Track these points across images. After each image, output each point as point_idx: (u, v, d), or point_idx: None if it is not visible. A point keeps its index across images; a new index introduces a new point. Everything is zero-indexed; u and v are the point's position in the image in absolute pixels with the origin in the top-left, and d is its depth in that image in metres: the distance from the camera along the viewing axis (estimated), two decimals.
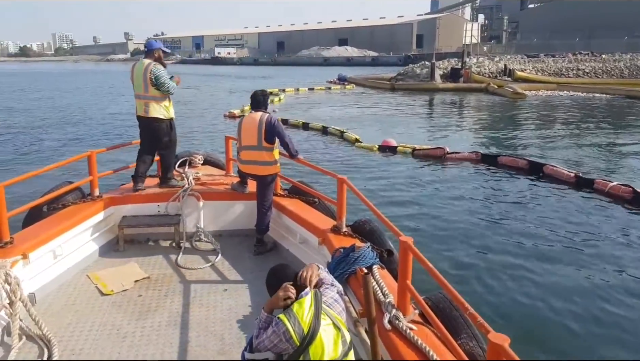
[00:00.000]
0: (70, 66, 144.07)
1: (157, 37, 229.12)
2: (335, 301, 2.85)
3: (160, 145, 6.49)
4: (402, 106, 32.02)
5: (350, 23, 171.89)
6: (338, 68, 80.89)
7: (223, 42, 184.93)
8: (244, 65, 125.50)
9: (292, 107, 30.99)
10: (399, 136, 18.54)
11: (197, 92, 42.84)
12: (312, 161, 13.97)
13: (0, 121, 24.31)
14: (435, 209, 10.12)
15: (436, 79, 43.88)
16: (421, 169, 13.95)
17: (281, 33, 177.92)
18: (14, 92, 45.13)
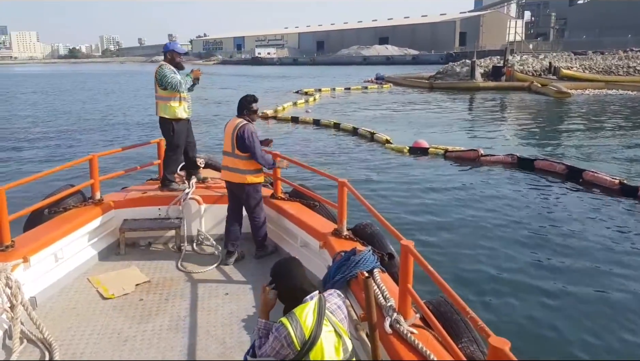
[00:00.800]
0: (116, 67, 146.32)
1: (199, 38, 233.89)
2: (338, 308, 2.84)
3: (166, 144, 6.64)
4: (439, 105, 31.20)
5: (391, 21, 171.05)
6: (377, 67, 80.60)
7: (263, 42, 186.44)
8: (284, 65, 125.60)
9: (326, 107, 30.84)
10: (434, 137, 18.02)
11: (235, 93, 42.56)
12: (338, 163, 14.64)
13: (43, 123, 24.82)
14: (456, 213, 9.78)
15: (477, 77, 42.83)
16: (451, 172, 13.47)
17: (321, 33, 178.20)
18: (61, 93, 46.18)
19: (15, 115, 28.44)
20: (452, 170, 13.62)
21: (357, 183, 11.66)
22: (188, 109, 6.55)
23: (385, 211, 9.58)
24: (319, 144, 18.00)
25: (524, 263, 7.44)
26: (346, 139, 18.98)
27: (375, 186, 11.95)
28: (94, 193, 6.12)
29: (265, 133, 19.79)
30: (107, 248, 6.06)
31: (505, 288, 6.69)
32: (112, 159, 13.53)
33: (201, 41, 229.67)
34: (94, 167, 6.06)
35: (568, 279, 6.89)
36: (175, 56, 6.44)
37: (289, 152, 15.91)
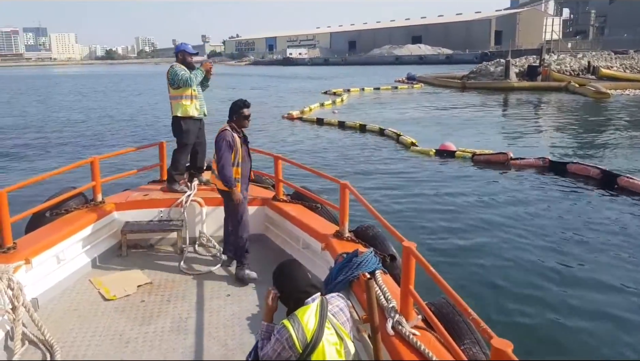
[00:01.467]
0: (150, 68, 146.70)
1: (232, 39, 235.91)
2: (341, 311, 2.84)
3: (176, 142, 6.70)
4: (471, 106, 30.41)
5: (424, 20, 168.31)
6: (410, 67, 79.49)
7: (295, 42, 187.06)
8: (315, 65, 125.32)
9: (354, 107, 30.51)
10: (463, 140, 17.46)
11: (263, 93, 43.01)
12: (359, 165, 14.43)
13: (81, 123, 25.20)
14: (477, 218, 9.42)
15: (511, 77, 41.65)
16: (477, 175, 12.96)
17: (353, 32, 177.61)
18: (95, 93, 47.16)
19: (50, 116, 28.79)
20: (478, 174, 13.15)
21: (376, 186, 11.96)
22: (200, 107, 6.55)
23: (402, 215, 9.66)
24: (342, 146, 17.74)
25: (543, 270, 7.18)
26: (371, 140, 18.62)
27: (395, 189, 11.64)
28: (95, 195, 6.13)
29: (290, 135, 20.52)
30: (109, 249, 6.08)
31: (512, 292, 6.62)
32: (114, 161, 13.35)
33: (234, 42, 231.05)
34: (96, 170, 6.08)
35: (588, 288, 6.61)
36: (186, 56, 6.49)
37: (311, 154, 16.37)
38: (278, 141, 19.05)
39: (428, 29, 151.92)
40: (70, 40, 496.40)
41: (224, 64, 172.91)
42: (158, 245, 6.36)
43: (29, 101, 39.90)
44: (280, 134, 20.75)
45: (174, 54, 6.63)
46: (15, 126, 24.52)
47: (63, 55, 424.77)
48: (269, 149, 14.89)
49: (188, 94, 6.40)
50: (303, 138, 19.59)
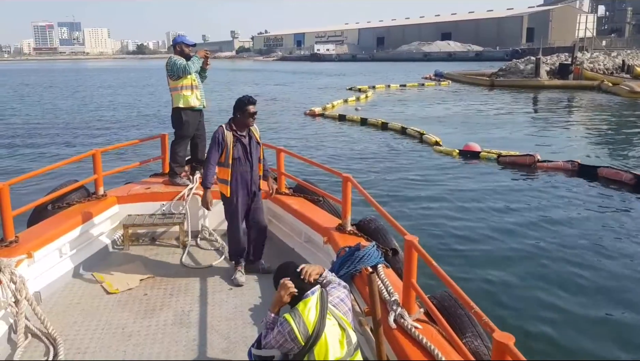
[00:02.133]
0: None
1: (260, 35, 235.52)
2: (342, 301, 2.85)
3: (174, 134, 6.69)
4: (499, 104, 29.45)
5: (454, 16, 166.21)
6: (438, 64, 78.92)
7: (323, 38, 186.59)
8: (342, 61, 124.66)
9: (378, 104, 30.06)
10: (488, 140, 16.91)
11: (287, 89, 42.86)
12: (378, 164, 14.06)
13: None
14: (496, 221, 9.09)
15: (541, 75, 40.43)
16: (501, 178, 12.45)
17: (381, 28, 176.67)
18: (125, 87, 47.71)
19: (81, 110, 29.02)
20: (502, 176, 12.61)
21: (394, 185, 11.72)
22: (200, 97, 6.53)
23: (417, 215, 9.49)
24: (363, 143, 17.36)
25: (558, 274, 6.95)
26: (393, 139, 18.18)
27: (414, 189, 11.37)
28: (97, 188, 6.14)
29: (310, 131, 20.29)
30: (111, 243, 6.09)
31: (515, 287, 6.61)
32: (116, 154, 13.64)
33: (262, 38, 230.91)
34: (97, 163, 6.08)
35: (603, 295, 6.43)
36: (184, 48, 6.47)
37: (327, 150, 16.16)
38: (296, 137, 18.85)
39: (458, 26, 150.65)
40: (103, 35, 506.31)
41: (252, 59, 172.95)
42: (160, 238, 6.36)
43: (52, 95, 40.44)
44: (300, 130, 20.58)
45: (172, 47, 6.61)
46: (27, 119, 24.73)
47: (96, 50, 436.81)
48: (286, 145, 14.79)
49: (188, 85, 6.38)
50: (323, 134, 19.38)
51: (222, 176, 5.04)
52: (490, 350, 2.94)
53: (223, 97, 33.60)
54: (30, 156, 15.74)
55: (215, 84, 48.76)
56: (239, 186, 5.06)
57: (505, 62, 52.63)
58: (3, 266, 4.09)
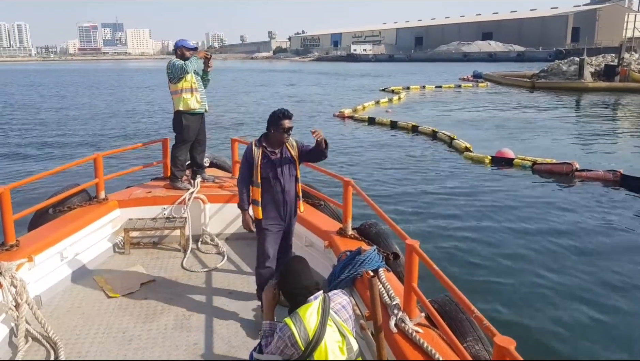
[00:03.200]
0: (219, 63, 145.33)
1: (297, 35, 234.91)
2: (343, 308, 2.83)
3: (175, 138, 6.68)
4: (539, 107, 28.01)
5: (495, 16, 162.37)
6: (478, 64, 77.68)
7: (360, 38, 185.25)
8: (379, 61, 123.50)
9: (411, 106, 29.29)
10: (525, 146, 16.09)
11: (319, 90, 42.58)
12: (403, 169, 13.49)
13: None
14: (522, 234, 8.53)
15: (585, 77, 38.34)
16: (534, 187, 11.63)
17: (419, 28, 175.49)
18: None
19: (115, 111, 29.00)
20: (536, 186, 11.82)
21: (415, 192, 11.21)
22: (200, 100, 6.52)
23: (436, 224, 9.09)
24: (390, 147, 16.75)
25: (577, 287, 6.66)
26: (422, 143, 17.52)
27: (436, 198, 10.75)
28: (98, 192, 6.16)
29: (337, 134, 19.53)
30: (112, 247, 6.10)
31: (517, 293, 6.57)
32: (117, 159, 13.61)
33: (299, 38, 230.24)
34: (99, 167, 6.10)
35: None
36: (185, 52, 6.47)
37: (351, 154, 15.64)
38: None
39: (500, 25, 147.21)
40: (144, 36, 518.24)
41: (289, 60, 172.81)
42: (161, 243, 6.37)
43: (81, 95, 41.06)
44: (326, 133, 19.82)
45: (173, 51, 6.62)
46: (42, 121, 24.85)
47: (137, 50, 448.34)
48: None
49: (188, 87, 6.38)
50: (349, 137, 18.87)
51: (254, 196, 4.52)
52: (491, 354, 2.95)
53: (255, 100, 33.54)
54: (34, 159, 15.79)
55: (250, 85, 48.84)
56: (270, 208, 4.50)
57: (548, 63, 50.63)
58: (4, 270, 4.10)
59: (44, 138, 19.61)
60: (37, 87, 51.66)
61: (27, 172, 13.07)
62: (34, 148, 17.59)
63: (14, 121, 24.82)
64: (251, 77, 68.08)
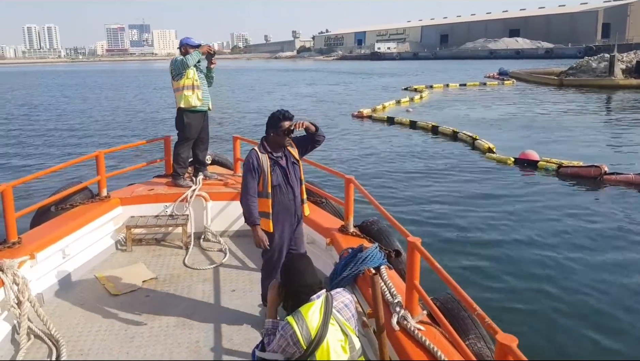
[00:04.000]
0: (242, 63, 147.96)
1: (321, 34, 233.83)
2: (345, 307, 2.81)
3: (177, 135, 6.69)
4: (566, 106, 26.78)
5: (523, 12, 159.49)
6: (505, 61, 76.09)
7: (384, 37, 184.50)
8: (403, 60, 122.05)
9: (432, 105, 28.55)
10: (550, 146, 15.37)
11: (340, 89, 42.29)
12: (421, 173, 12.85)
13: None
14: (537, 232, 8.25)
15: (616, 74, 36.85)
16: (559, 191, 10.93)
17: (445, 25, 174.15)
18: None
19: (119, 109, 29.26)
20: (560, 189, 11.14)
21: (432, 195, 10.77)
22: (202, 98, 6.50)
23: (455, 227, 8.74)
24: (408, 147, 16.26)
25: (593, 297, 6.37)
26: (442, 144, 16.90)
27: (455, 199, 10.35)
28: (100, 189, 6.17)
29: (353, 135, 19.16)
30: (114, 244, 6.11)
31: (520, 290, 6.54)
32: (119, 156, 13.60)
33: (323, 37, 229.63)
34: (101, 164, 6.10)
35: None
36: (189, 49, 6.47)
37: (371, 154, 15.27)
38: (335, 140, 17.72)
39: (527, 21, 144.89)
40: (170, 37, 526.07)
41: (312, 59, 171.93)
42: (163, 240, 6.37)
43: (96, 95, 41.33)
44: (342, 133, 19.56)
45: (178, 49, 6.62)
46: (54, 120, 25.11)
47: (164, 51, 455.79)
48: (323, 151, 14.38)
49: (189, 85, 6.37)
50: (366, 137, 18.44)
51: (262, 208, 4.16)
52: (493, 352, 2.96)
53: (274, 100, 33.26)
54: (36, 156, 15.85)
55: (272, 85, 48.68)
56: (282, 218, 4.24)
57: (577, 60, 48.19)
58: (6, 267, 4.12)
59: (56, 137, 19.72)
60: (61, 88, 52.25)
61: (31, 170, 13.14)
62: (43, 146, 17.70)
63: (27, 120, 25.05)
64: (274, 76, 67.47)
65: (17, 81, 73.38)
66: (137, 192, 6.47)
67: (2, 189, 4.61)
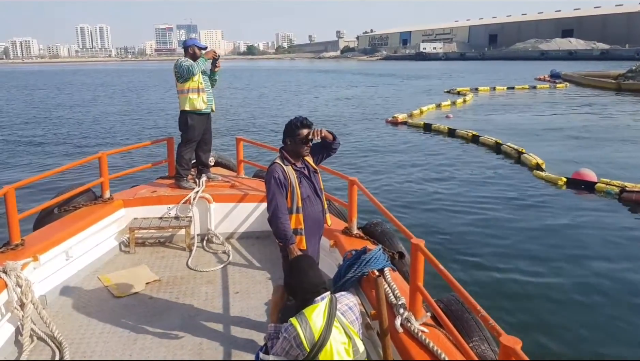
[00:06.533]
0: (286, 64, 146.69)
1: (365, 34, 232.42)
2: (350, 310, 2.81)
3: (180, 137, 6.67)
4: (627, 114, 23.67)
5: (577, 12, 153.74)
6: (557, 63, 73.53)
7: (430, 37, 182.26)
8: (449, 60, 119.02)
9: (476, 110, 26.36)
10: (612, 164, 13.08)
11: (378, 91, 40.69)
12: (455, 191, 11.12)
13: None
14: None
15: None
16: (623, 223, 8.89)
17: (494, 25, 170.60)
18: None
19: None
20: (625, 220, 9.12)
21: (466, 222, 9.20)
22: (207, 100, 6.51)
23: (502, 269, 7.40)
24: (444, 158, 14.47)
25: None
26: (483, 156, 14.89)
27: (497, 224, 8.86)
28: (103, 191, 6.17)
29: (383, 143, 17.56)
30: (117, 246, 6.11)
31: (523, 292, 6.43)
32: (122, 158, 13.58)
33: (367, 37, 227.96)
34: (104, 166, 6.11)
35: None
36: (196, 51, 6.46)
37: (402, 164, 13.86)
38: (362, 148, 16.27)
39: (581, 21, 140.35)
40: (217, 37, 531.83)
41: (356, 59, 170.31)
42: (166, 242, 6.37)
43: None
44: (372, 141, 17.84)
45: (183, 49, 6.58)
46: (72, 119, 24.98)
47: None
48: (347, 161, 13.82)
49: (194, 87, 6.37)
50: (399, 146, 16.77)
51: (293, 225, 3.84)
52: (497, 354, 2.96)
53: (310, 101, 32.61)
54: (42, 157, 15.76)
55: (311, 87, 47.89)
56: (313, 232, 3.99)
57: (635, 62, 45.31)
58: (9, 269, 4.12)
59: (67, 138, 19.67)
60: (102, 88, 52.22)
61: (36, 170, 13.12)
62: (51, 146, 17.73)
63: (38, 119, 25.18)
64: (317, 77, 65.65)
65: (64, 78, 74.24)
66: (140, 194, 6.47)
67: (5, 191, 4.61)
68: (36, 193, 9.27)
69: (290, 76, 71.05)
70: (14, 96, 42.73)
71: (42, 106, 33.39)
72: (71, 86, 56.45)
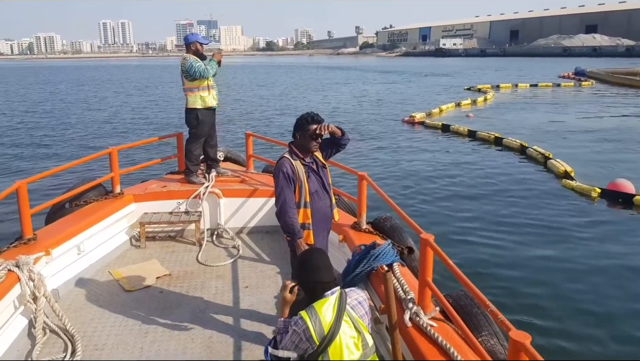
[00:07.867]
0: (305, 59, 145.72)
1: (384, 30, 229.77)
2: (359, 304, 2.81)
3: (188, 133, 6.68)
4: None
5: (602, 7, 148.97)
6: (581, 59, 72.20)
7: (450, 32, 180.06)
8: (469, 56, 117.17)
9: (498, 110, 25.05)
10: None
11: (395, 88, 39.80)
12: (474, 203, 10.09)
13: None
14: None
15: None
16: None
17: (516, 21, 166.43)
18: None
19: None
20: None
21: (485, 224, 8.73)
22: (216, 96, 6.56)
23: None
24: (464, 165, 13.19)
25: None
26: (507, 161, 13.71)
27: (527, 249, 7.73)
28: (114, 186, 6.20)
29: (397, 145, 16.57)
30: (128, 241, 6.15)
31: (533, 286, 6.41)
32: (133, 153, 13.51)
33: (386, 33, 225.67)
34: (114, 161, 6.14)
35: None
36: (199, 47, 6.45)
37: (418, 169, 12.91)
38: (373, 150, 15.49)
39: (606, 17, 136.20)
40: (237, 33, 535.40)
41: (375, 55, 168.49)
42: (176, 237, 6.40)
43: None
44: (386, 142, 16.91)
45: (185, 45, 6.55)
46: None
47: (230, 47, 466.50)
48: (358, 161, 13.49)
49: (205, 85, 6.38)
50: (414, 148, 15.81)
51: (301, 220, 3.85)
52: (506, 349, 2.95)
53: (323, 100, 31.87)
54: (52, 153, 15.74)
55: (325, 84, 47.02)
56: (321, 227, 4.01)
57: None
58: (21, 263, 4.17)
59: (79, 133, 19.67)
60: (123, 84, 51.94)
61: (44, 167, 12.85)
62: (58, 143, 17.69)
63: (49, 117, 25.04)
64: (334, 74, 64.25)
65: (86, 74, 74.33)
66: (150, 189, 6.50)
67: (17, 186, 4.65)
68: (48, 188, 9.30)
69: (310, 73, 68.92)
70: (28, 91, 42.75)
71: (57, 100, 33.35)
72: (94, 82, 56.30)
